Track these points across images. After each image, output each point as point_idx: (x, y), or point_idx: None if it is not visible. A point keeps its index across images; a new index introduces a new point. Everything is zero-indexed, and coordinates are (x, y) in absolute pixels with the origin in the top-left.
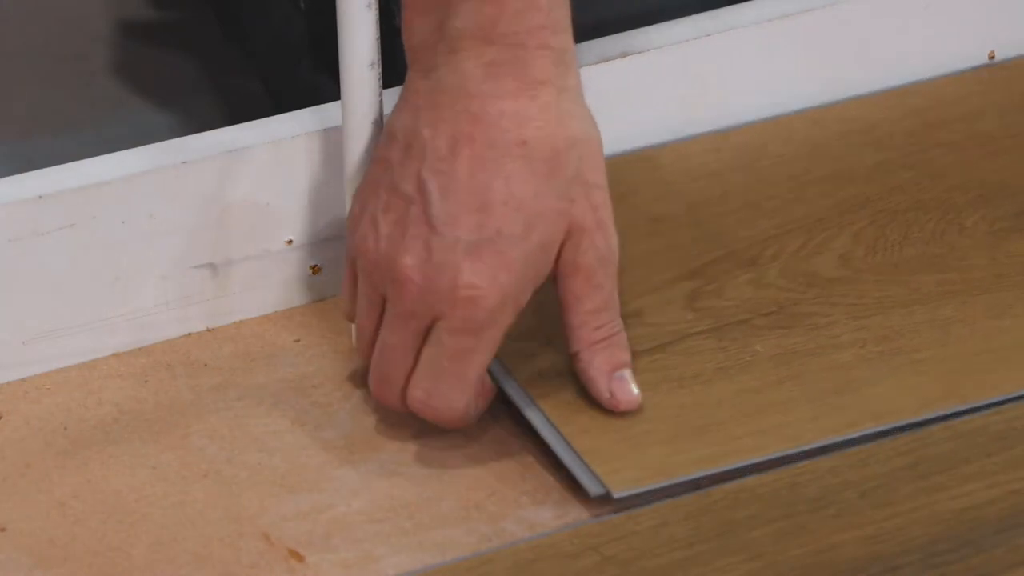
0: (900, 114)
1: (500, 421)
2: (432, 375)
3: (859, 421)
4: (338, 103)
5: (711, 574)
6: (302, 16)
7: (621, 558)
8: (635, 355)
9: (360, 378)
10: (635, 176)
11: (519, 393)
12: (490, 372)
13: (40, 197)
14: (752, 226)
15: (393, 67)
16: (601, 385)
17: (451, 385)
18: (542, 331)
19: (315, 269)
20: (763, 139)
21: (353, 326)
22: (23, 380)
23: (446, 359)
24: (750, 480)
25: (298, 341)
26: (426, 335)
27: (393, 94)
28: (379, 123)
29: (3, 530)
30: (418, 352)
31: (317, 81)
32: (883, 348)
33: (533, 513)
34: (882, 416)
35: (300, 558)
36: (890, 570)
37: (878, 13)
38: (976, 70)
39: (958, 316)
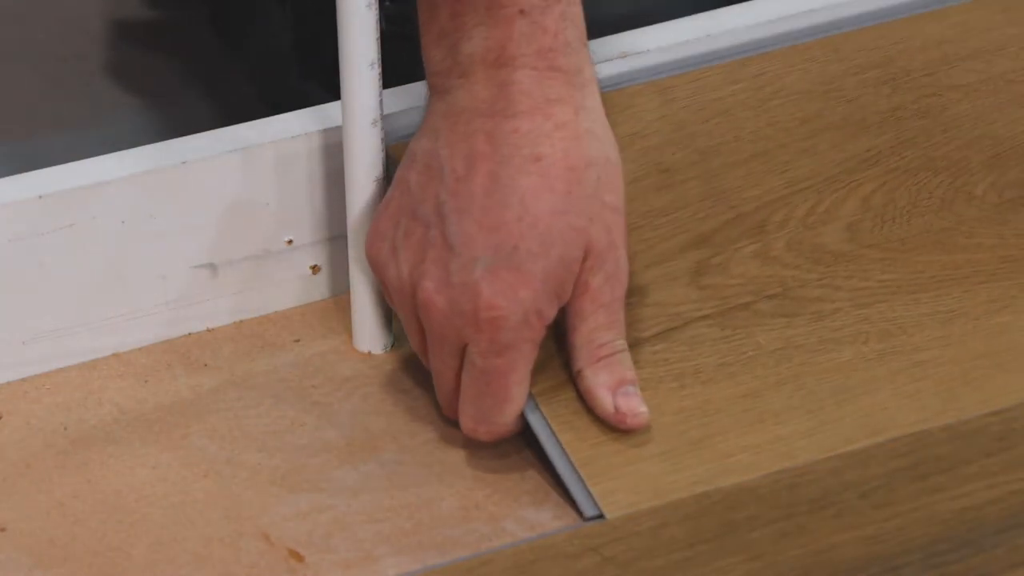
0: (918, 45)
1: None
2: (474, 399)
3: (855, 437)
4: (338, 103)
5: (711, 574)
6: (290, 24)
7: (621, 559)
8: (638, 343)
9: (360, 378)
10: (648, 112)
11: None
12: None
13: (40, 197)
14: (761, 183)
15: (393, 67)
16: (606, 400)
17: (493, 406)
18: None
19: (315, 269)
20: (780, 70)
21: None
22: (23, 380)
23: (482, 382)
24: (750, 480)
25: (298, 341)
26: (462, 354)
27: (393, 94)
28: (379, 123)
29: (3, 530)
30: (460, 372)
31: (307, 89)
32: (884, 346)
33: (533, 513)
34: (879, 432)
35: (300, 558)
36: (890, 570)
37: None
38: None
39: (961, 308)
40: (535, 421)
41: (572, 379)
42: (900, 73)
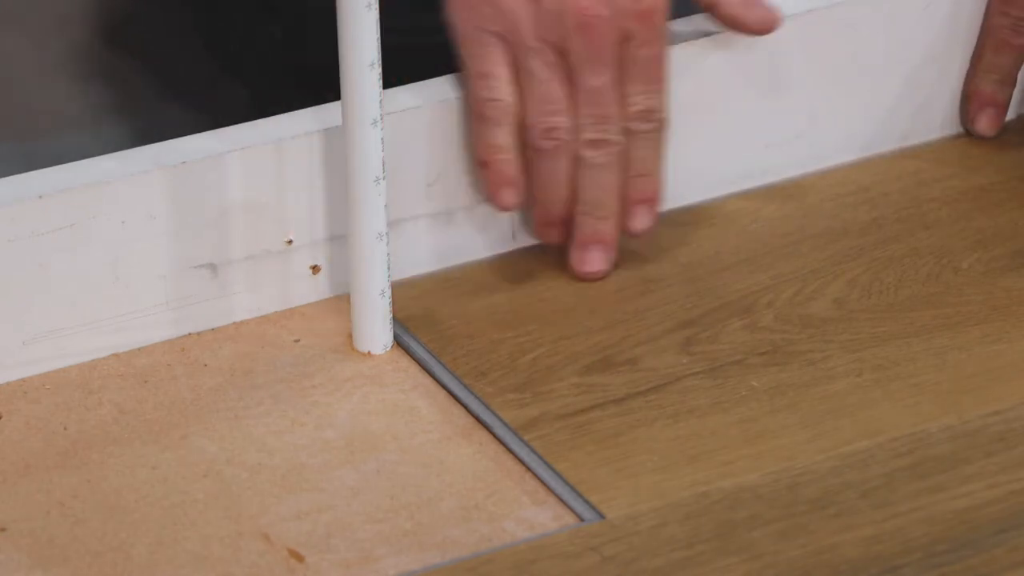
0: (894, 175)
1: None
2: (649, 83)
3: (855, 440)
4: (338, 103)
5: (711, 574)
6: (281, 47)
7: (621, 558)
8: (630, 397)
9: (360, 378)
10: (625, 241)
11: (511, 436)
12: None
13: (40, 197)
14: (746, 279)
15: (393, 67)
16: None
17: (663, 91)
18: (531, 386)
19: (315, 269)
20: (757, 205)
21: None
22: (23, 380)
23: (654, 68)
24: (750, 480)
25: (298, 341)
26: (618, 64)
27: (393, 94)
28: (379, 123)
29: (3, 530)
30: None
31: (302, 96)
32: (879, 375)
33: (533, 513)
34: (879, 433)
35: (300, 558)
36: (890, 570)
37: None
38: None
39: (954, 344)
40: (526, 455)
41: (560, 414)
42: (877, 196)
